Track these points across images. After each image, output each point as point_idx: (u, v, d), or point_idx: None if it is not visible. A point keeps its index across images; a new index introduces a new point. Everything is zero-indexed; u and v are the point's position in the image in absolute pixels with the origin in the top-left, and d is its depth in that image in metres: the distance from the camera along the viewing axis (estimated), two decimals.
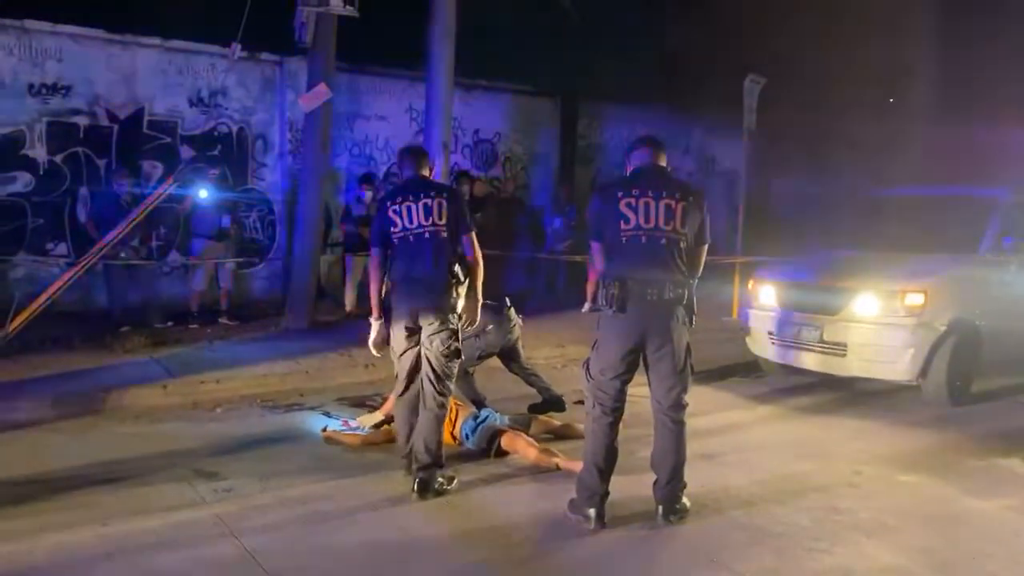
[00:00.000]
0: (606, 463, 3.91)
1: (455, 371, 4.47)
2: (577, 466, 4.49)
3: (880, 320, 6.18)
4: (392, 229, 4.40)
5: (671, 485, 3.94)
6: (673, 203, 3.82)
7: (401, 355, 4.50)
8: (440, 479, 4.34)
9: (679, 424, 3.94)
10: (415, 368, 4.47)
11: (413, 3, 9.15)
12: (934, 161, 11.42)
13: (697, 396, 4.09)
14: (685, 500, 4.00)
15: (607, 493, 3.91)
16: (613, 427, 3.93)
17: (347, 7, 8.15)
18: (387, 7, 8.86)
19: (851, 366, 6.30)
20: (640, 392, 4.12)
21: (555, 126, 12.86)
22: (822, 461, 4.93)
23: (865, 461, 4.92)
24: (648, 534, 3.85)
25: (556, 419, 5.50)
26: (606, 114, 13.15)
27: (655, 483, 3.98)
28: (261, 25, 8.85)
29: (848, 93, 13.24)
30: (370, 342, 4.64)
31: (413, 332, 4.41)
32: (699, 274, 4.03)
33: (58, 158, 9.11)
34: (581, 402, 6.13)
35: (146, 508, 4.05)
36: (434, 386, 4.35)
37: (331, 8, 8.12)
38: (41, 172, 9.05)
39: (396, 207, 4.41)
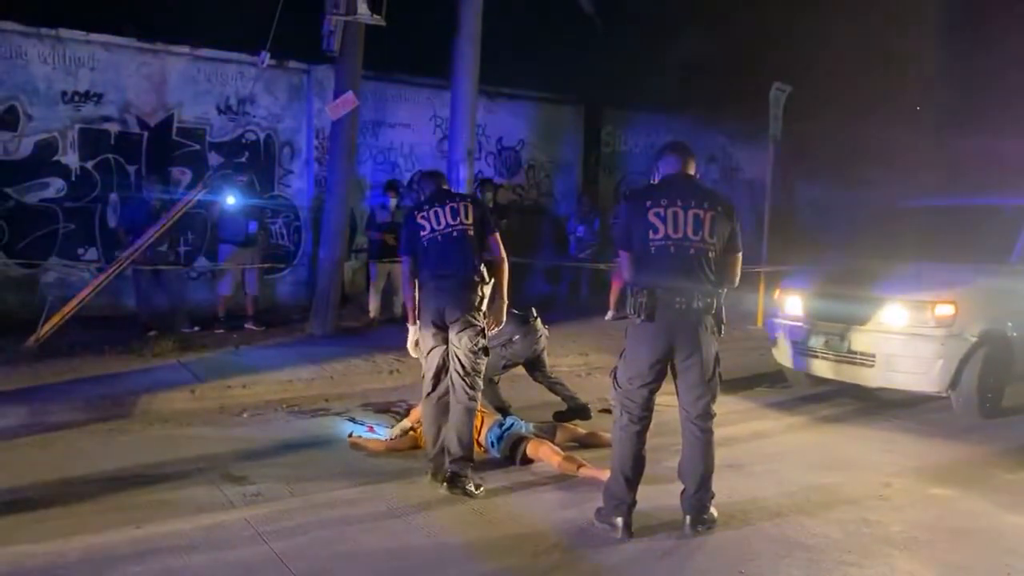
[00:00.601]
0: (634, 472, 3.90)
1: (483, 368, 4.54)
2: (603, 475, 4.48)
3: (909, 330, 6.11)
4: (421, 233, 4.57)
5: (699, 495, 3.92)
6: (702, 213, 3.81)
7: (428, 353, 4.58)
8: (470, 482, 4.39)
9: (707, 433, 3.92)
10: (442, 367, 4.54)
11: (438, 12, 9.23)
12: (964, 171, 11.28)
13: (723, 406, 4.07)
14: (713, 510, 3.97)
15: (635, 502, 3.90)
16: (641, 436, 3.92)
17: (374, 16, 8.23)
18: (413, 15, 8.93)
19: (879, 377, 6.23)
20: (666, 401, 4.11)
21: (578, 134, 12.88)
22: (851, 473, 4.88)
23: (895, 473, 4.86)
24: (675, 544, 3.83)
25: (582, 427, 5.48)
26: (630, 122, 13.15)
27: (682, 492, 3.97)
28: (289, 33, 8.95)
29: (876, 101, 13.13)
30: (408, 345, 4.78)
31: (440, 330, 4.50)
32: (735, 284, 4.01)
33: (89, 164, 9.27)
34: (607, 411, 6.14)
35: (176, 511, 4.09)
36: (464, 380, 4.44)
37: (358, 17, 8.20)
38: (73, 178, 9.22)
39: (424, 213, 4.60)
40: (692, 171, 4.02)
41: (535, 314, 5.79)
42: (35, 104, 8.95)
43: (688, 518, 3.92)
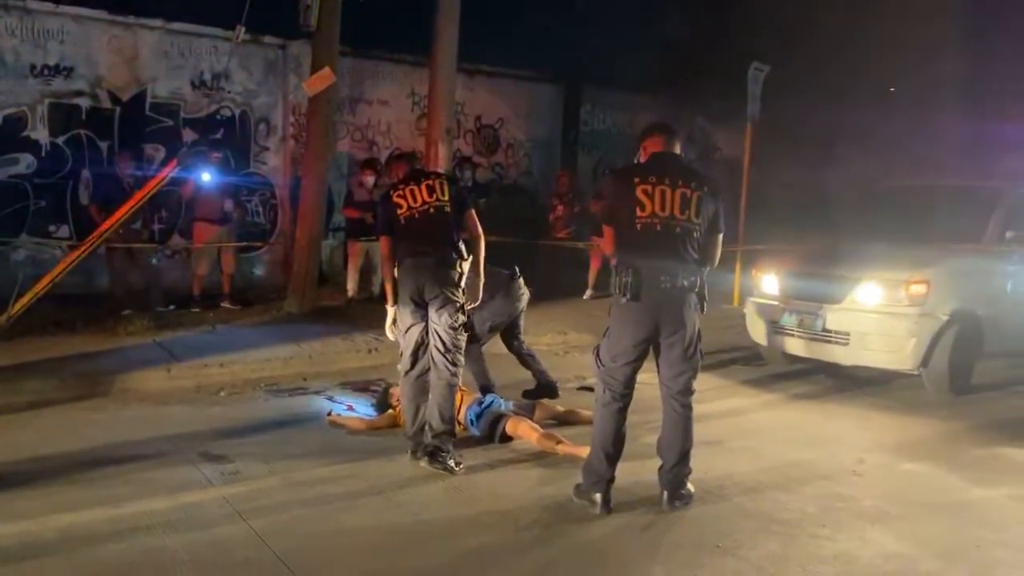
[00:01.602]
0: (614, 448, 3.94)
1: (463, 343, 4.56)
2: (582, 451, 4.51)
3: (883, 309, 6.19)
4: (398, 211, 4.55)
5: (676, 469, 3.97)
6: (688, 192, 3.83)
7: (407, 331, 4.57)
8: (451, 457, 4.43)
9: (687, 408, 3.97)
10: (420, 344, 4.53)
11: None
12: (941, 153, 11.39)
13: (700, 383, 4.09)
14: (690, 486, 4.03)
15: (613, 478, 3.95)
16: (622, 413, 3.96)
17: None
18: None
19: (853, 355, 6.32)
20: (645, 379, 4.14)
21: (558, 112, 12.84)
22: (825, 449, 4.96)
23: (868, 449, 4.95)
24: (652, 519, 3.88)
25: (560, 405, 5.51)
26: (609, 100, 13.12)
27: (660, 468, 4.02)
28: (264, 8, 8.80)
29: (855, 82, 13.19)
30: (387, 327, 4.80)
31: (419, 307, 4.50)
32: (715, 263, 4.05)
33: (60, 140, 9.09)
34: (585, 388, 6.21)
35: (154, 490, 4.06)
36: (445, 357, 4.46)
37: None
38: (43, 154, 9.03)
39: (400, 192, 4.59)
40: (678, 150, 4.04)
41: (518, 272, 5.78)
42: (3, 77, 8.73)
43: (666, 493, 3.97)
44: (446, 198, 4.55)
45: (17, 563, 3.32)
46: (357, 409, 5.49)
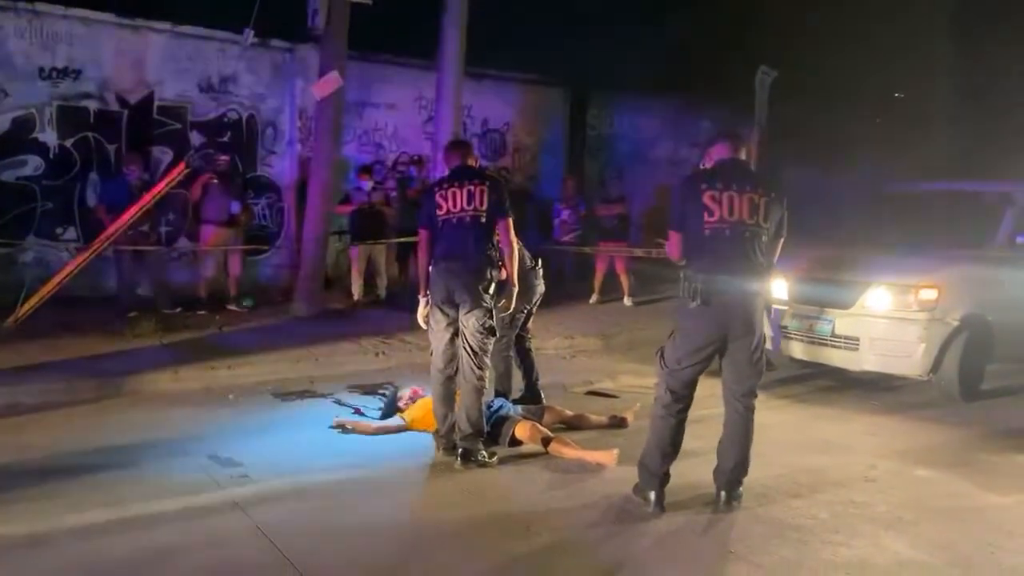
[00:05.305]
0: (672, 448, 3.97)
1: (491, 347, 4.66)
2: (590, 456, 4.57)
3: (893, 314, 6.16)
4: (438, 212, 4.65)
5: (736, 471, 4.01)
6: (756, 197, 3.88)
7: (436, 332, 4.66)
8: (482, 451, 4.53)
9: (750, 411, 4.01)
10: (450, 344, 4.62)
11: None
12: (951, 157, 11.37)
13: (707, 388, 4.10)
14: (741, 488, 4.06)
15: (668, 478, 3.97)
16: (682, 414, 3.99)
17: None
18: None
19: (863, 360, 6.28)
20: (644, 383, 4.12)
21: (564, 116, 12.83)
22: (837, 455, 4.93)
23: (880, 455, 4.92)
24: (665, 525, 3.85)
25: (569, 409, 5.48)
26: (616, 104, 13.11)
27: (717, 469, 4.05)
28: (272, 12, 8.83)
29: (864, 87, 13.17)
30: (419, 316, 4.84)
31: (449, 308, 4.59)
32: (773, 268, 4.11)
33: (68, 142, 9.09)
34: (594, 393, 6.19)
35: (162, 492, 4.05)
36: (472, 360, 4.56)
37: None
38: (51, 156, 9.04)
39: (443, 192, 4.68)
40: (744, 156, 4.10)
41: (539, 263, 5.76)
42: (12, 80, 8.75)
43: (723, 494, 4.01)
44: (484, 208, 4.61)
45: (26, 563, 3.31)
46: (365, 412, 5.47)
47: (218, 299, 8.74)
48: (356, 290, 9.34)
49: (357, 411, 5.53)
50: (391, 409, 5.37)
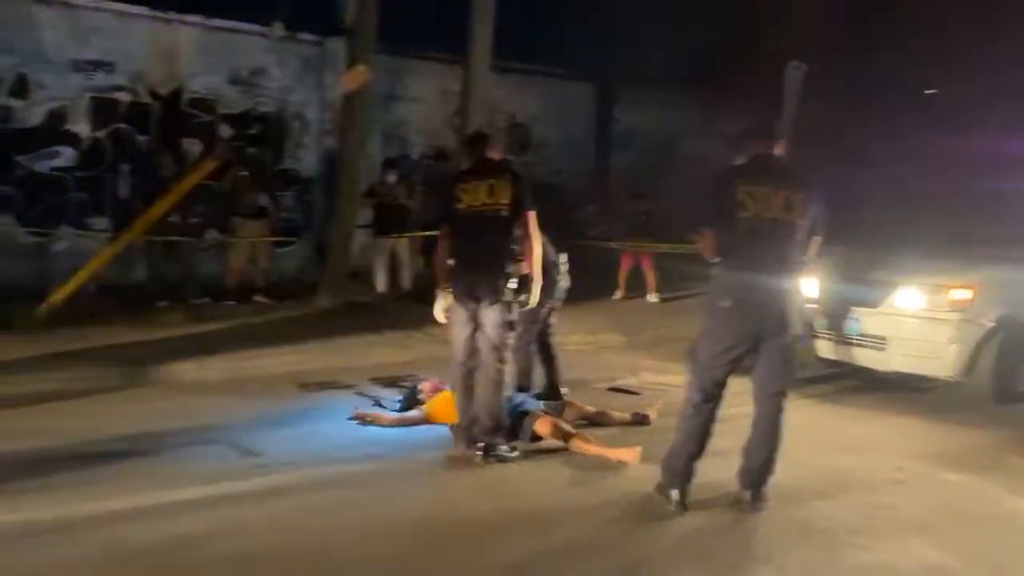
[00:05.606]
0: (699, 447, 3.90)
1: (511, 341, 4.62)
2: (610, 453, 4.52)
3: (923, 314, 6.02)
4: (457, 206, 4.60)
5: (763, 471, 3.94)
6: (792, 193, 3.80)
7: (457, 326, 4.63)
8: (502, 446, 4.50)
9: (781, 411, 3.94)
10: (471, 337, 4.58)
11: None
12: (986, 153, 11.09)
13: (735, 386, 4.03)
14: (766, 488, 3.99)
15: (692, 477, 3.91)
16: (712, 412, 3.92)
17: None
18: None
19: (891, 361, 6.16)
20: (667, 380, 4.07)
21: (590, 111, 12.78)
22: (865, 456, 4.84)
23: (908, 458, 4.82)
24: (687, 525, 3.80)
25: (590, 405, 5.44)
26: (643, 99, 13.00)
27: (743, 469, 3.98)
28: (302, 5, 8.87)
29: (897, 81, 12.92)
30: (436, 310, 4.79)
31: (470, 301, 4.55)
32: (807, 265, 4.04)
33: (100, 134, 9.22)
34: (617, 389, 6.15)
35: (184, 480, 4.09)
36: (493, 354, 4.53)
37: None
38: (84, 147, 9.17)
39: (464, 185, 4.62)
40: (779, 152, 4.01)
41: (563, 258, 5.73)
42: (46, 72, 8.89)
43: (749, 493, 3.94)
44: (506, 201, 4.54)
45: (50, 548, 3.36)
46: (386, 404, 5.48)
47: (246, 290, 8.81)
48: (380, 283, 9.37)
49: (378, 403, 5.54)
50: (412, 401, 5.37)
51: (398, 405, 5.44)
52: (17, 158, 8.87)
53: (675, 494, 3.89)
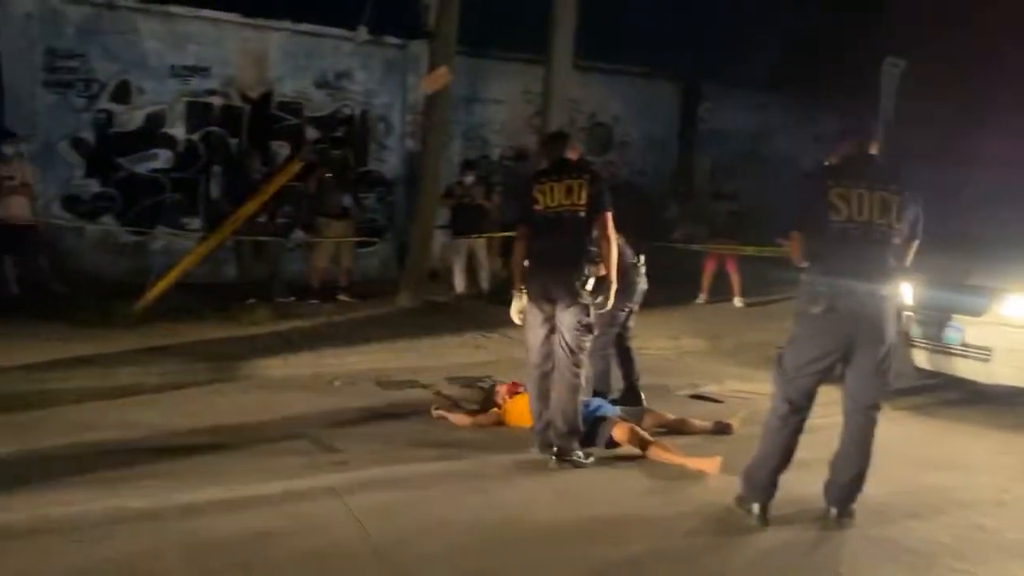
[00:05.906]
0: (782, 461, 3.74)
1: (588, 345, 4.54)
2: (691, 463, 4.39)
3: None
4: (535, 207, 4.55)
5: (851, 486, 3.77)
6: (889, 195, 3.60)
7: (532, 328, 4.58)
8: (577, 451, 4.44)
9: (873, 424, 3.76)
10: (546, 340, 4.53)
11: None
12: None
13: (823, 395, 3.84)
14: (854, 505, 3.81)
15: (775, 490, 3.76)
16: (799, 425, 3.75)
17: None
18: None
19: (997, 373, 5.78)
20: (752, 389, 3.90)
21: (674, 110, 12.55)
22: (962, 474, 4.55)
23: (1013, 477, 4.51)
24: (765, 541, 3.64)
25: (670, 413, 5.31)
26: (729, 98, 12.69)
27: (830, 482, 3.81)
28: (385, 9, 9.01)
29: (999, 79, 12.19)
30: (512, 312, 4.74)
31: (546, 303, 4.50)
32: (904, 272, 3.85)
33: (195, 136, 9.60)
34: (699, 397, 5.99)
35: (266, 474, 4.17)
36: (569, 358, 4.46)
37: None
38: (179, 149, 9.57)
39: (541, 186, 4.57)
40: (874, 151, 3.80)
41: (641, 260, 5.63)
42: (146, 78, 9.32)
43: (834, 510, 3.77)
44: (582, 202, 4.47)
45: (137, 536, 3.47)
46: (463, 405, 5.49)
47: (329, 289, 9.01)
48: (458, 283, 9.42)
49: (455, 403, 5.55)
50: (488, 403, 5.35)
51: (476, 406, 5.44)
52: (119, 160, 9.32)
53: (756, 508, 3.74)
